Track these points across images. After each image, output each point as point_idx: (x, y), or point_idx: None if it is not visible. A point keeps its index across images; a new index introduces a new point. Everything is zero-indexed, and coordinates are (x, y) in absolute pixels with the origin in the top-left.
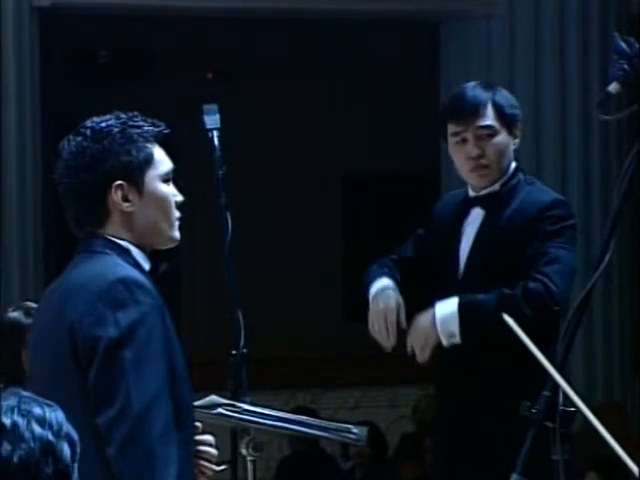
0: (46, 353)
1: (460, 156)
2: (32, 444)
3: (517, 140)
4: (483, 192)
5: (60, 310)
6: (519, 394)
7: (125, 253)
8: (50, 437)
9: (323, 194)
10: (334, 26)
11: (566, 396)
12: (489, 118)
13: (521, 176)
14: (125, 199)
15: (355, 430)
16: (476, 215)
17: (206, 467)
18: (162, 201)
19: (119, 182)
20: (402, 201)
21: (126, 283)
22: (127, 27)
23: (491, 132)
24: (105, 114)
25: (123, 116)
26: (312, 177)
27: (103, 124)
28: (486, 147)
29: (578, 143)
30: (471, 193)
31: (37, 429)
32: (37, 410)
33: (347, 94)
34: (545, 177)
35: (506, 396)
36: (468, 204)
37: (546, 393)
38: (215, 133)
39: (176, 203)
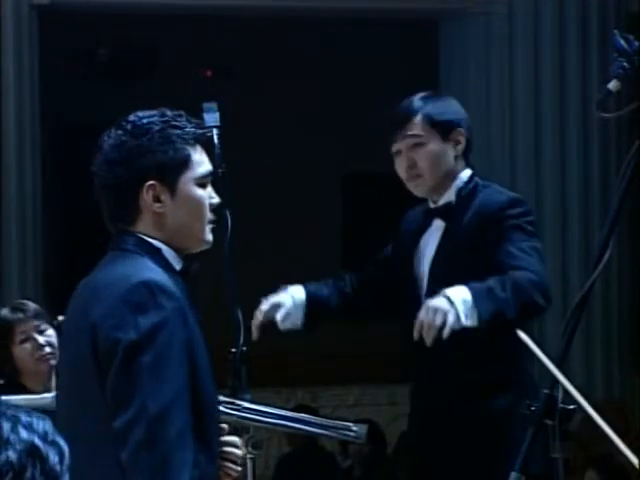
0: (70, 349)
1: (398, 168)
2: (18, 447)
3: (460, 146)
4: (441, 203)
5: (85, 308)
6: (491, 393)
7: (156, 253)
8: (37, 441)
9: (323, 192)
10: (334, 24)
11: (566, 393)
12: (416, 127)
13: (477, 181)
14: (157, 199)
15: (354, 428)
16: (437, 227)
17: (231, 468)
18: (195, 204)
19: (151, 182)
20: (402, 199)
21: (149, 286)
22: (127, 25)
23: (419, 141)
24: (104, 112)
25: (168, 114)
26: (312, 175)
27: (145, 120)
28: (416, 156)
29: (577, 141)
30: (430, 204)
31: (23, 433)
32: (24, 417)
33: (347, 92)
34: (544, 175)
35: (477, 394)
36: (429, 216)
37: (545, 391)
38: (214, 131)
39: (211, 205)
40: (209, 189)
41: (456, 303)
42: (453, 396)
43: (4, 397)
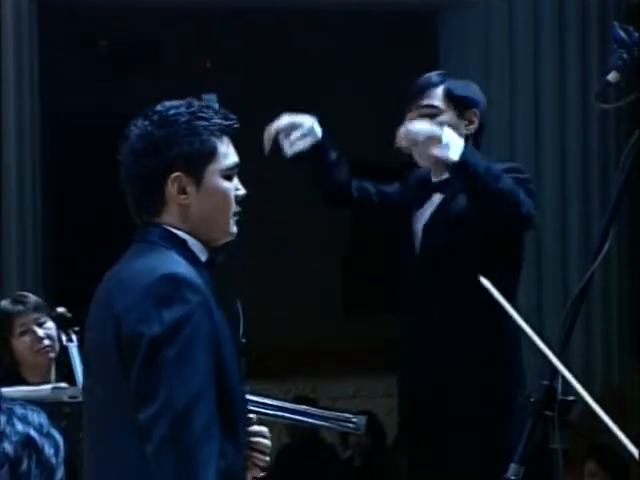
0: (94, 341)
1: None
2: (13, 439)
3: (472, 126)
4: (443, 177)
5: (109, 299)
6: (483, 363)
7: (181, 245)
8: (32, 433)
9: None
10: (332, 15)
11: (564, 382)
12: (434, 99)
13: None
14: (182, 191)
15: (354, 419)
16: (436, 200)
17: (259, 458)
18: (220, 196)
19: (176, 174)
20: None
21: (174, 280)
22: (127, 16)
23: (434, 112)
24: (104, 103)
25: (195, 105)
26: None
27: (172, 111)
28: None
29: (577, 131)
30: (433, 178)
31: (19, 426)
32: (19, 409)
33: (347, 82)
34: (544, 166)
35: (468, 363)
36: (430, 189)
37: (544, 382)
38: None
39: (237, 197)
40: (235, 181)
41: (446, 131)
42: (451, 391)
43: (3, 389)
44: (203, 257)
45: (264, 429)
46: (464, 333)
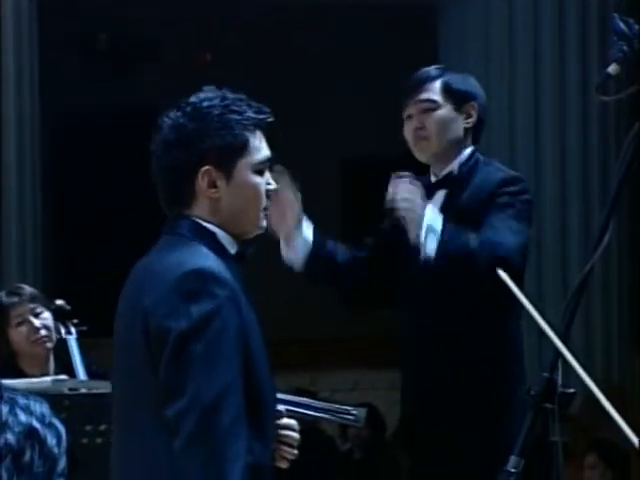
0: (123, 335)
1: (407, 133)
2: (16, 429)
3: (471, 120)
4: (442, 173)
5: (138, 292)
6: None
7: (211, 238)
8: (35, 424)
9: (321, 177)
10: (334, 11)
11: (565, 374)
12: (432, 93)
13: (478, 157)
14: (212, 185)
15: (354, 412)
16: (438, 197)
17: (287, 451)
18: (250, 191)
19: (207, 167)
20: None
21: (202, 274)
22: (127, 16)
23: (432, 106)
24: (105, 100)
25: (229, 97)
26: (310, 161)
27: (205, 103)
28: (426, 120)
29: (577, 130)
30: (432, 178)
31: (21, 416)
32: (21, 400)
33: (347, 78)
34: (544, 159)
35: (470, 356)
36: (431, 189)
37: (545, 374)
38: None
39: (268, 191)
40: (267, 175)
41: (427, 224)
42: (450, 385)
43: (3, 380)
44: (232, 250)
45: (293, 422)
46: (464, 331)
